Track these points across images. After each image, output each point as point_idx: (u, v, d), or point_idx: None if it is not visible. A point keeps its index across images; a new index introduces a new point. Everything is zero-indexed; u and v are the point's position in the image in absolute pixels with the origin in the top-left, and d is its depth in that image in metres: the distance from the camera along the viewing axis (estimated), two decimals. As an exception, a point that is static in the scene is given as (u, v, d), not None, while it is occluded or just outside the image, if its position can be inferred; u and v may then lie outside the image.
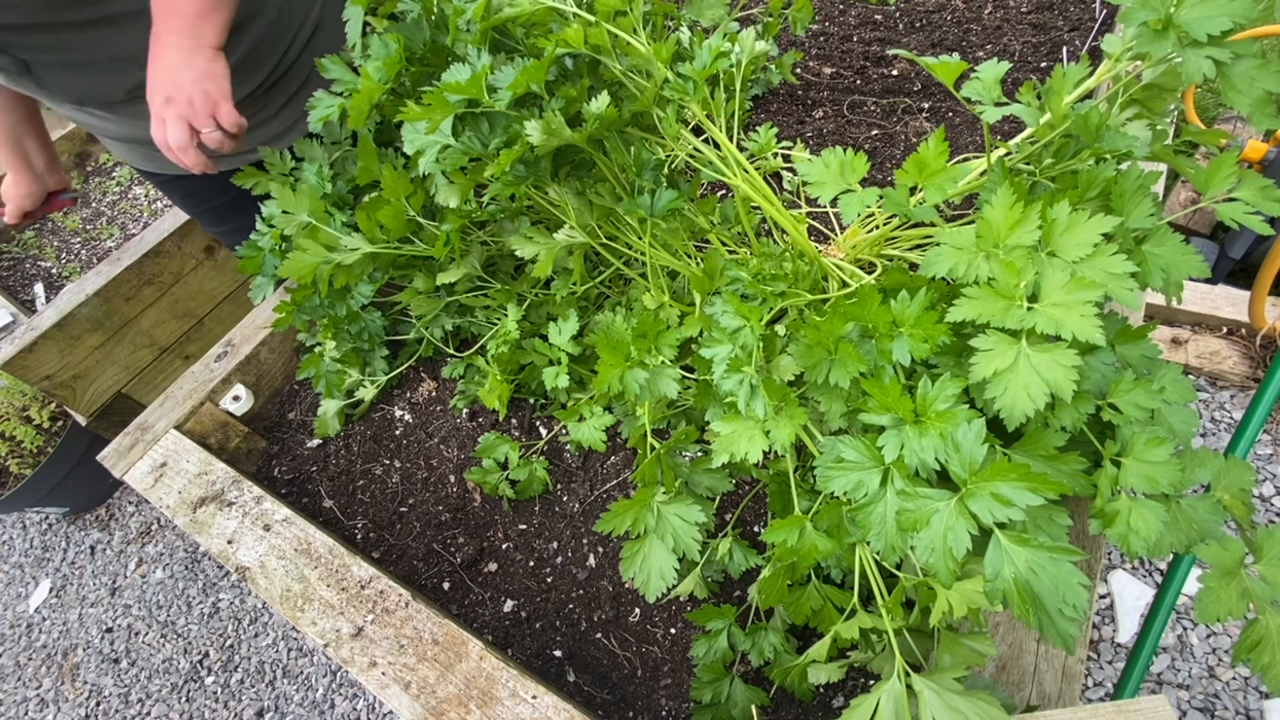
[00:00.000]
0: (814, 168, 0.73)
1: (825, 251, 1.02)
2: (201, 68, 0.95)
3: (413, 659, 0.80)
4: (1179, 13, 0.60)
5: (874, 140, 1.40)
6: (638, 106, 0.86)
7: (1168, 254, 0.67)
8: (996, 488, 0.57)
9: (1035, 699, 0.71)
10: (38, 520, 2.57)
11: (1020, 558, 0.57)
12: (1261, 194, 0.66)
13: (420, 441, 1.13)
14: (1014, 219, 0.62)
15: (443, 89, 0.79)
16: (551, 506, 1.03)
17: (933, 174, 0.67)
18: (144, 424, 1.11)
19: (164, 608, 2.23)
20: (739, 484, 0.99)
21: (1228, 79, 0.61)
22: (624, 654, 0.89)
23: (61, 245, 2.53)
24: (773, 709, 0.83)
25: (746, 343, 0.74)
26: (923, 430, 0.61)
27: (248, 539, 0.94)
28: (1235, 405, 1.95)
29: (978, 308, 0.60)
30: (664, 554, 0.81)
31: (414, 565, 1.01)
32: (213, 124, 0.98)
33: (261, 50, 1.17)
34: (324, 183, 1.09)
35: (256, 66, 1.18)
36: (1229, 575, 0.61)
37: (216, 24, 0.96)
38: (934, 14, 1.66)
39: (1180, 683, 1.59)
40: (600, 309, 1.12)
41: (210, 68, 0.96)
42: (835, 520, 0.70)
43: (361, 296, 1.12)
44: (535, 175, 0.88)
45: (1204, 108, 2.46)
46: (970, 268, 0.63)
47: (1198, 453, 0.65)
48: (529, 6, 0.81)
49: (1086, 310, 0.56)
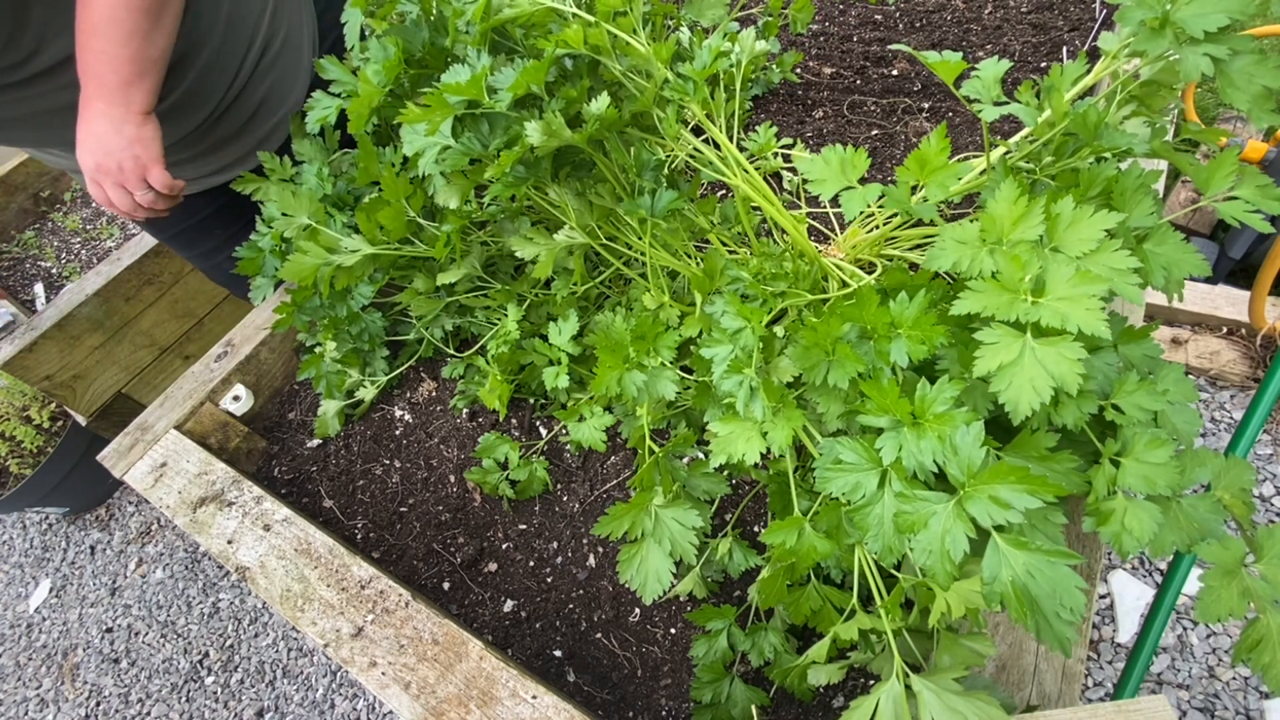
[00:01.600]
0: (815, 165, 0.73)
1: (825, 251, 1.02)
2: (131, 134, 0.95)
3: (413, 659, 0.80)
4: (1176, 10, 0.60)
5: (874, 140, 1.40)
6: (638, 107, 0.86)
7: (1169, 252, 0.67)
8: (995, 490, 0.57)
9: (1035, 699, 0.71)
10: (38, 520, 2.57)
11: (1018, 561, 0.57)
12: (1261, 192, 0.66)
13: (420, 441, 1.13)
14: (1018, 213, 0.62)
15: (442, 90, 0.79)
16: (551, 506, 1.03)
17: (934, 171, 0.67)
18: (144, 424, 1.11)
19: (164, 608, 2.23)
20: (739, 484, 0.99)
21: (1226, 75, 0.61)
22: (624, 654, 0.89)
23: (61, 245, 2.53)
24: (773, 709, 0.83)
25: (747, 343, 0.74)
26: (921, 432, 0.61)
27: (248, 539, 0.94)
28: (1235, 405, 1.95)
29: (982, 301, 0.60)
30: (661, 557, 0.81)
31: (414, 565, 1.01)
32: (144, 186, 0.99)
33: (204, 85, 1.12)
34: (324, 184, 1.09)
35: (200, 102, 1.13)
36: (1230, 574, 0.61)
37: (144, 90, 0.94)
38: (934, 14, 1.66)
39: (1180, 683, 1.58)
40: (600, 309, 1.12)
41: (139, 133, 0.96)
42: (834, 521, 0.70)
43: (362, 297, 1.12)
44: (535, 176, 0.88)
45: (1204, 107, 2.46)
46: (974, 262, 0.62)
47: (1198, 452, 0.65)
48: (528, 7, 0.81)
49: (1092, 304, 0.56)
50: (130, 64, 0.90)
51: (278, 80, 1.22)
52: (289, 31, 1.23)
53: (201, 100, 1.12)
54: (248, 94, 1.19)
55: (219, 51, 1.11)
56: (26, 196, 2.53)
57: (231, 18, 1.10)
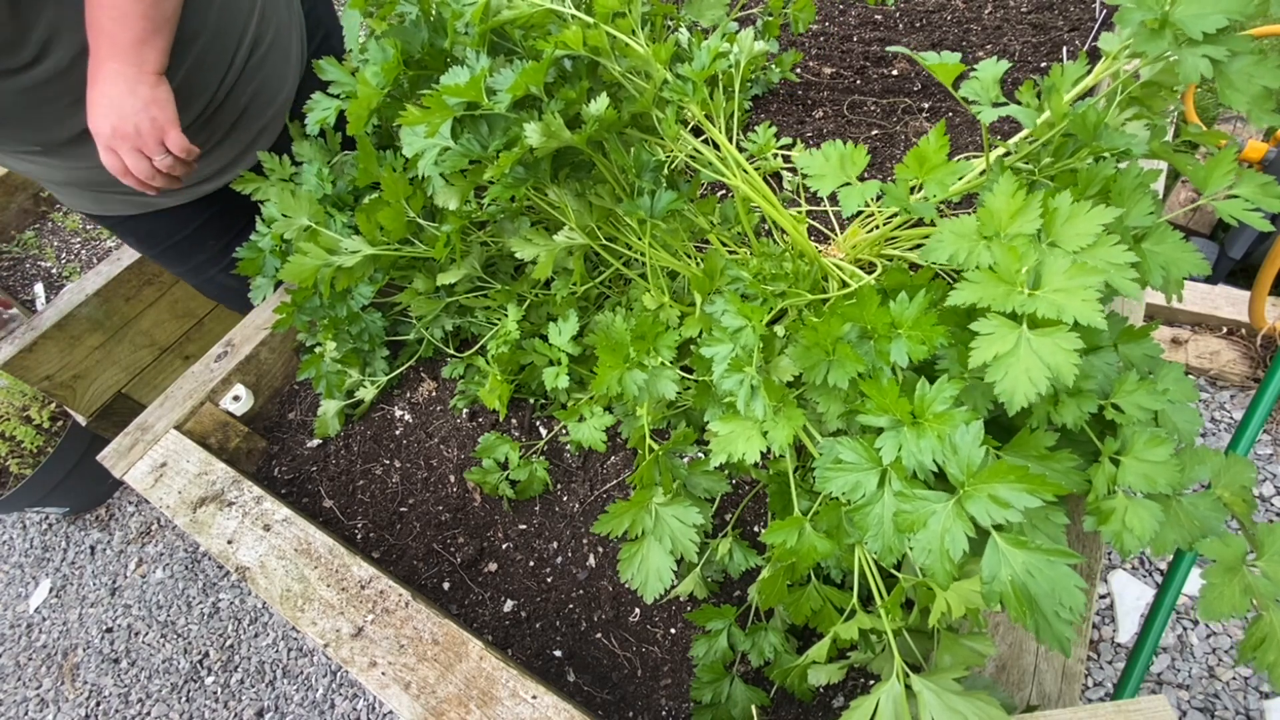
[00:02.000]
0: (814, 160, 0.73)
1: (825, 251, 1.02)
2: (146, 95, 0.93)
3: (413, 659, 0.80)
4: (1175, 11, 0.60)
5: (874, 140, 1.40)
6: (637, 108, 0.86)
7: (1167, 251, 0.67)
8: (994, 489, 0.57)
9: (1035, 699, 0.71)
10: (38, 520, 2.58)
11: (1018, 560, 0.57)
12: (1261, 190, 0.66)
13: (420, 441, 1.13)
14: (1015, 208, 0.62)
15: (441, 92, 0.79)
16: (551, 506, 1.03)
17: (933, 169, 0.67)
18: (144, 424, 1.11)
19: (164, 608, 2.23)
20: (739, 484, 0.99)
21: (1225, 76, 0.61)
22: (624, 654, 0.89)
23: (61, 245, 2.53)
24: (773, 709, 0.83)
25: (747, 342, 0.74)
26: (920, 432, 0.61)
27: (248, 539, 0.94)
28: (1235, 405, 1.95)
29: (979, 292, 0.59)
30: (661, 555, 0.81)
31: (414, 565, 1.01)
32: (163, 150, 0.97)
33: (200, 74, 1.10)
34: (324, 184, 1.09)
35: (195, 92, 1.11)
36: (1232, 571, 0.61)
37: (158, 49, 0.93)
38: (934, 14, 1.66)
39: (1180, 683, 1.58)
40: (600, 309, 1.12)
41: (154, 94, 0.94)
42: (834, 521, 0.70)
43: (362, 297, 1.12)
44: (535, 177, 0.88)
45: (1204, 108, 2.46)
46: (971, 254, 0.62)
47: (1198, 451, 0.65)
48: (527, 9, 0.81)
49: (1088, 295, 0.56)
50: (143, 20, 0.89)
51: (266, 79, 1.22)
52: (277, 31, 1.22)
53: (192, 98, 1.11)
54: (237, 93, 1.18)
55: (208, 48, 1.10)
56: (27, 196, 2.53)
57: (221, 16, 1.10)
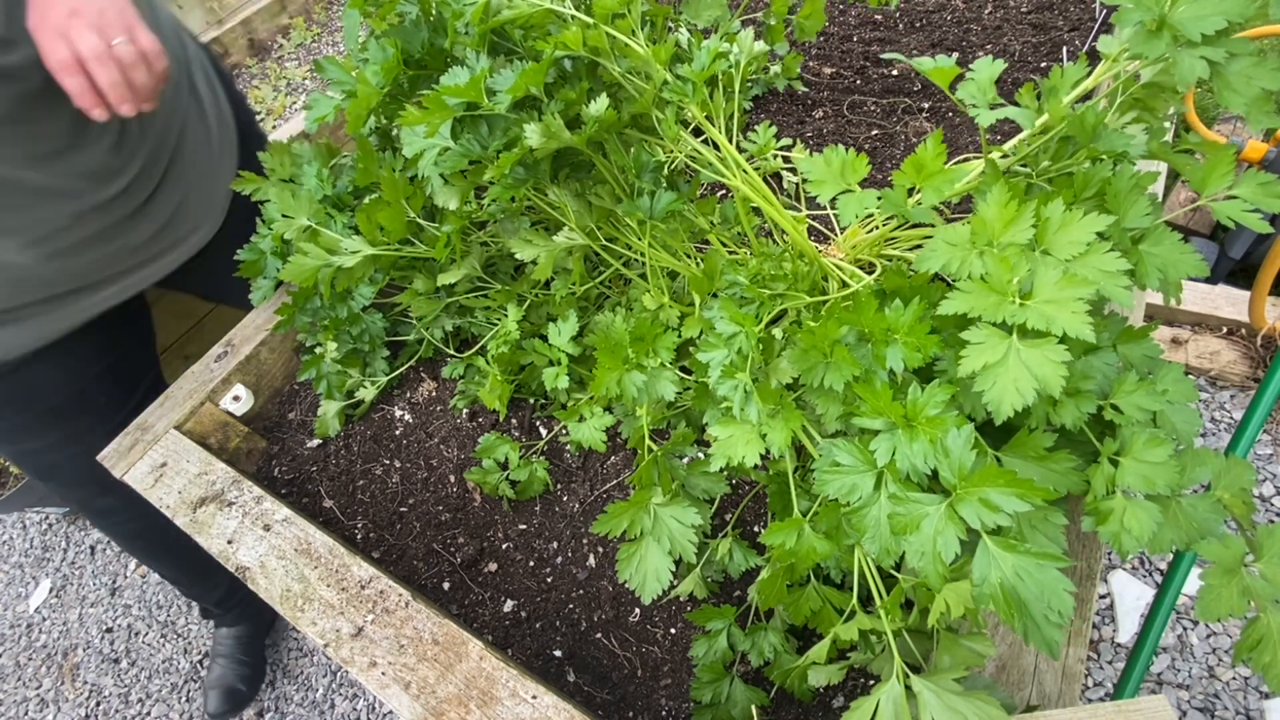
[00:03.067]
0: (814, 165, 0.73)
1: (825, 251, 1.02)
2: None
3: (413, 659, 0.80)
4: (1173, 12, 0.60)
5: (874, 140, 1.40)
6: (637, 108, 0.87)
7: (1165, 253, 0.67)
8: (985, 493, 0.57)
9: (1035, 699, 0.71)
10: (38, 520, 2.58)
11: (1007, 563, 0.57)
12: (1260, 190, 0.66)
13: (420, 441, 1.14)
14: (1008, 216, 0.62)
15: (441, 92, 0.79)
16: (551, 506, 1.03)
17: (930, 175, 0.67)
18: (144, 424, 1.11)
19: (164, 608, 2.23)
20: (739, 484, 0.99)
21: (1223, 78, 0.61)
22: (624, 654, 0.90)
23: (62, 246, 2.53)
24: (773, 709, 0.83)
25: (742, 348, 0.74)
26: (913, 435, 0.61)
27: (248, 539, 0.94)
28: (1235, 405, 1.95)
29: (970, 302, 0.60)
30: (660, 556, 0.81)
31: (414, 565, 1.01)
32: (126, 36, 0.84)
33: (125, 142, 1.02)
34: (324, 185, 1.10)
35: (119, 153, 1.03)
36: (1230, 573, 0.62)
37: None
38: (934, 14, 1.66)
39: (1180, 683, 1.59)
40: (600, 309, 1.13)
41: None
42: (833, 522, 0.70)
43: (362, 298, 1.12)
44: (535, 177, 0.88)
45: (1204, 108, 2.46)
46: (964, 264, 0.63)
47: (1198, 452, 0.65)
48: (527, 9, 0.81)
49: (1078, 307, 0.56)
50: None
51: (189, 194, 1.18)
52: (196, 146, 1.18)
53: (124, 154, 1.04)
54: (166, 189, 1.13)
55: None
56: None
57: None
